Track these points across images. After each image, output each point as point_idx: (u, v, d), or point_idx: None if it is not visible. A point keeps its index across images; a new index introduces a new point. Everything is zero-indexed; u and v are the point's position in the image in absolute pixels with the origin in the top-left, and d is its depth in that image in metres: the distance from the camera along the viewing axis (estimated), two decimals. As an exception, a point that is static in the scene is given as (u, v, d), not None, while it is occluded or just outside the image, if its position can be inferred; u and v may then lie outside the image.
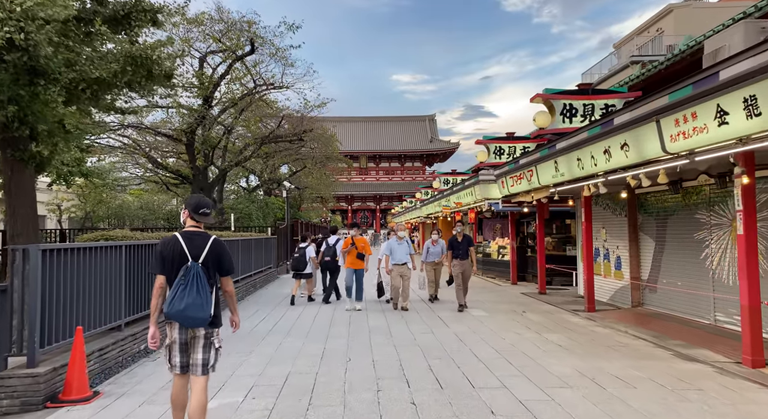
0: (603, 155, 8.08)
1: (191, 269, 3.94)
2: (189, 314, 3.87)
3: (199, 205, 4.19)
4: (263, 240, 18.29)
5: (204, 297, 3.91)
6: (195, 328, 4.00)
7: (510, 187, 13.11)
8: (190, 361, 4.06)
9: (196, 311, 3.88)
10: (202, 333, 4.04)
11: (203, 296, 3.91)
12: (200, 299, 3.89)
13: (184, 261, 3.98)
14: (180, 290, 3.89)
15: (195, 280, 3.92)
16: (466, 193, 18.08)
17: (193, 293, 3.88)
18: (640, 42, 31.39)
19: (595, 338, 8.09)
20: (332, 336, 8.54)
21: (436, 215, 27.74)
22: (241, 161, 24.29)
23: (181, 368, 4.08)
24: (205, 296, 3.93)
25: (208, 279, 4.00)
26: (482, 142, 16.38)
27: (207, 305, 3.92)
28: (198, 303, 3.87)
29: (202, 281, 3.94)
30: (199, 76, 18.08)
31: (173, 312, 3.88)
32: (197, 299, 3.88)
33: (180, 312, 3.86)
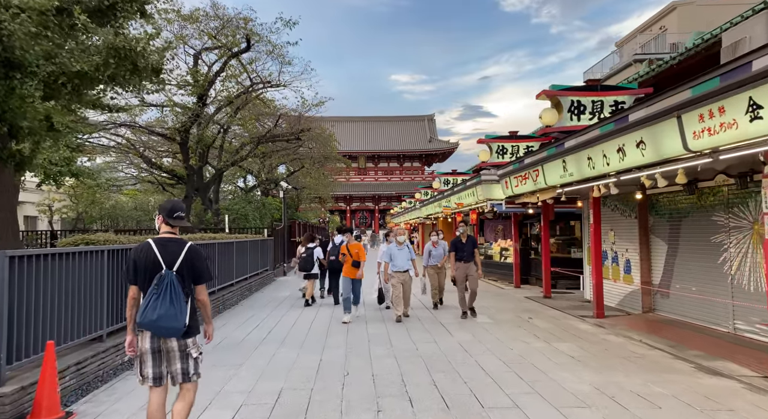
0: (616, 153, 7.61)
1: (165, 277, 3.82)
2: (162, 324, 3.75)
3: (173, 209, 4.06)
4: (259, 242, 17.80)
5: (178, 307, 3.79)
6: (167, 338, 3.86)
7: (514, 187, 12.64)
8: (170, 372, 3.93)
9: (169, 322, 3.75)
10: (174, 345, 3.89)
11: (177, 306, 3.78)
12: (174, 310, 3.76)
13: (157, 269, 3.86)
14: (153, 300, 3.77)
15: (168, 289, 3.79)
16: (467, 193, 17.60)
17: (167, 303, 3.76)
18: (642, 40, 30.95)
19: (608, 348, 7.61)
20: (329, 345, 8.06)
21: (436, 216, 27.28)
22: (238, 160, 23.83)
23: (153, 379, 3.90)
24: (179, 305, 3.80)
25: (182, 288, 3.87)
26: (484, 141, 15.90)
27: (181, 315, 3.80)
28: (171, 314, 3.75)
29: (176, 291, 3.81)
30: (193, 73, 17.60)
31: (146, 322, 3.75)
32: (170, 310, 3.75)
33: (153, 322, 3.74)
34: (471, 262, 10.61)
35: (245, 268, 15.39)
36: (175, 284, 3.82)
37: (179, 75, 18.02)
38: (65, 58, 7.00)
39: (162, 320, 3.72)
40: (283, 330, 9.42)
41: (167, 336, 3.84)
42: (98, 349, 6.47)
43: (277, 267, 21.25)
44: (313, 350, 7.77)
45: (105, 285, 6.87)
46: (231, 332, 9.42)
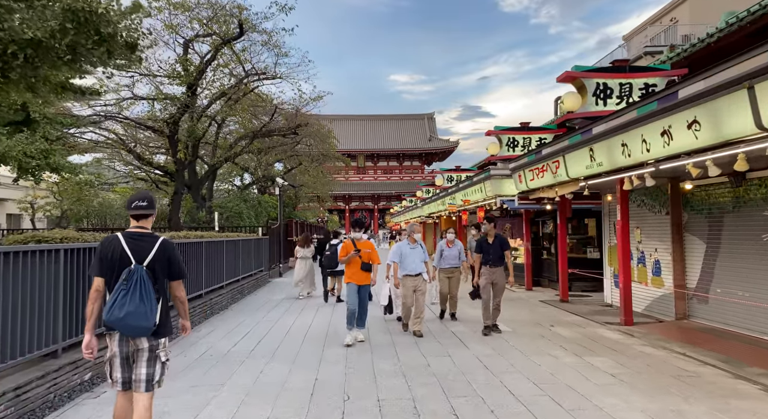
0: (660, 137, 6.54)
1: (134, 273, 3.58)
2: (130, 322, 3.50)
3: (132, 200, 3.79)
4: (253, 241, 16.72)
5: (148, 305, 3.55)
6: (137, 338, 3.63)
7: (529, 181, 11.57)
8: (133, 376, 3.68)
9: (137, 320, 3.50)
10: (145, 345, 3.65)
11: (147, 304, 3.54)
12: (143, 307, 3.52)
13: (126, 264, 3.62)
14: (120, 296, 3.52)
15: (138, 285, 3.55)
16: (474, 190, 16.53)
17: (136, 299, 3.52)
18: (652, 33, 29.88)
19: (651, 363, 6.54)
20: (327, 359, 6.98)
21: (439, 215, 26.22)
22: (232, 156, 22.71)
23: (123, 383, 3.69)
24: (149, 303, 3.56)
25: (153, 284, 3.64)
26: (494, 132, 14.83)
27: (151, 314, 3.55)
28: (141, 311, 3.51)
29: (147, 287, 3.58)
30: (182, 62, 16.51)
31: (112, 320, 3.49)
32: (140, 307, 3.51)
33: (119, 320, 3.48)
34: (500, 267, 8.76)
35: (237, 269, 14.31)
36: (145, 279, 3.58)
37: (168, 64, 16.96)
38: (13, 22, 5.90)
39: (130, 318, 3.48)
40: (274, 339, 8.34)
41: (136, 335, 3.59)
42: (50, 367, 5.39)
43: (273, 268, 20.18)
44: (308, 365, 6.69)
45: (61, 291, 5.80)
46: (217, 341, 8.35)
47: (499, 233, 9.05)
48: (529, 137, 14.75)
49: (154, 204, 3.87)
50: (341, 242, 12.53)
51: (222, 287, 12.53)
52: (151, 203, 3.82)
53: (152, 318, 3.56)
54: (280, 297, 13.93)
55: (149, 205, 3.80)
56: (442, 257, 9.77)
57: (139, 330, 3.55)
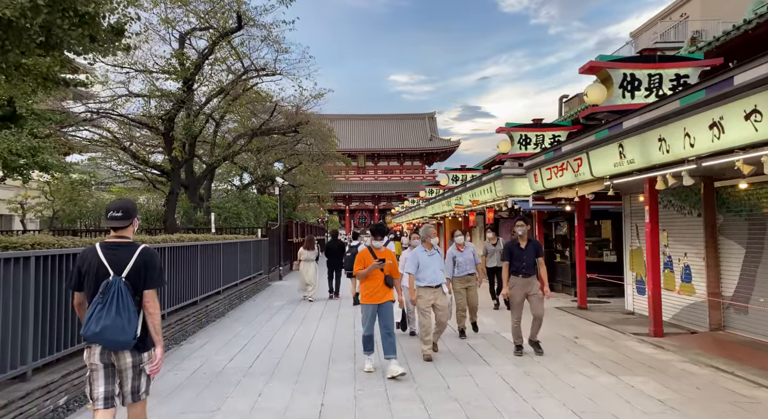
0: (708, 130, 5.82)
1: (112, 285, 3.45)
2: (107, 336, 3.38)
3: (107, 209, 3.69)
4: (251, 243, 15.99)
5: (126, 317, 3.42)
6: (119, 352, 3.49)
7: (546, 181, 10.85)
8: (120, 392, 3.56)
9: (114, 334, 3.38)
10: (128, 362, 3.52)
11: (124, 317, 3.41)
12: (120, 321, 3.39)
13: (104, 276, 3.49)
14: (97, 310, 3.40)
15: (115, 298, 3.42)
16: (483, 189, 15.80)
17: (112, 313, 3.39)
18: (661, 29, 29.18)
19: (699, 385, 5.81)
20: (334, 379, 6.25)
21: (443, 215, 25.50)
22: (230, 155, 21.97)
23: (105, 400, 3.51)
24: (128, 316, 3.43)
25: (132, 296, 3.51)
26: (505, 129, 14.11)
27: (129, 327, 3.42)
28: (118, 325, 3.38)
29: (124, 299, 3.45)
30: (178, 56, 15.78)
31: (89, 335, 3.40)
32: (117, 321, 3.38)
33: (96, 335, 3.38)
34: (533, 276, 7.48)
35: (235, 273, 13.58)
36: (123, 292, 3.44)
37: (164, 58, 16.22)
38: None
39: (107, 332, 3.35)
40: (275, 353, 7.62)
41: (115, 349, 3.47)
42: (16, 394, 4.68)
43: (273, 271, 19.45)
44: (312, 385, 5.97)
45: (31, 304, 5.08)
46: (211, 355, 7.63)
47: (534, 239, 7.90)
48: (542, 135, 14.03)
49: (131, 213, 3.69)
50: (361, 244, 12.62)
51: (219, 292, 11.81)
52: (126, 212, 3.66)
53: (130, 331, 3.42)
54: (281, 303, 13.20)
55: (124, 215, 3.64)
56: (455, 265, 8.63)
57: (118, 344, 3.43)
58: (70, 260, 5.72)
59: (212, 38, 17.27)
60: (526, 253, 7.52)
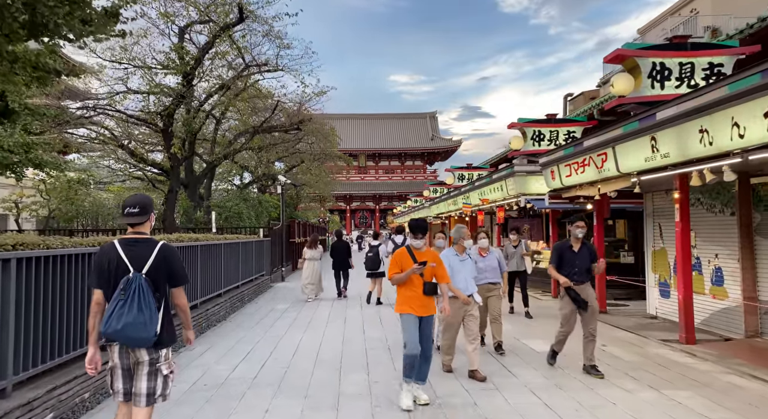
0: (763, 119, 5.27)
1: (132, 281, 3.39)
2: (128, 334, 3.33)
3: (124, 205, 3.60)
4: (253, 243, 15.44)
5: (147, 314, 3.36)
6: (137, 350, 3.45)
7: (564, 178, 10.30)
8: (133, 390, 3.49)
9: (136, 331, 3.33)
10: (145, 358, 3.46)
11: (146, 314, 3.36)
12: (142, 317, 3.34)
13: (124, 273, 3.43)
14: (118, 307, 3.35)
15: (137, 294, 3.37)
16: (494, 188, 15.24)
17: (134, 310, 3.33)
18: (670, 25, 28.61)
19: (751, 401, 5.26)
20: (347, 394, 5.69)
21: (448, 215, 24.95)
22: (231, 153, 21.40)
23: (124, 395, 3.52)
24: (149, 313, 3.37)
25: (153, 293, 3.45)
26: (517, 125, 13.55)
27: (150, 324, 3.37)
28: (140, 322, 3.32)
29: (145, 296, 3.39)
30: (178, 49, 15.22)
31: (110, 332, 3.34)
32: (138, 318, 3.32)
33: (117, 332, 3.32)
34: (586, 284, 6.56)
35: (237, 274, 13.03)
36: (144, 288, 3.41)
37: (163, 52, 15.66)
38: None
39: (128, 329, 3.33)
40: (281, 362, 7.06)
41: (135, 346, 3.45)
42: (-8, 414, 4.12)
43: (275, 272, 18.90)
44: (324, 401, 5.41)
45: (12, 311, 4.53)
46: (213, 364, 7.08)
47: (588, 242, 6.89)
48: (556, 131, 13.48)
49: (147, 209, 3.62)
50: (381, 244, 12.74)
51: (220, 295, 11.25)
52: (144, 208, 3.58)
53: (152, 328, 3.39)
54: (284, 306, 12.64)
55: (141, 211, 3.57)
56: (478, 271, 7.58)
57: (139, 341, 3.40)
58: (59, 263, 5.19)
59: (213, 32, 16.74)
60: (579, 258, 6.57)
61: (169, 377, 3.56)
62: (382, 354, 7.46)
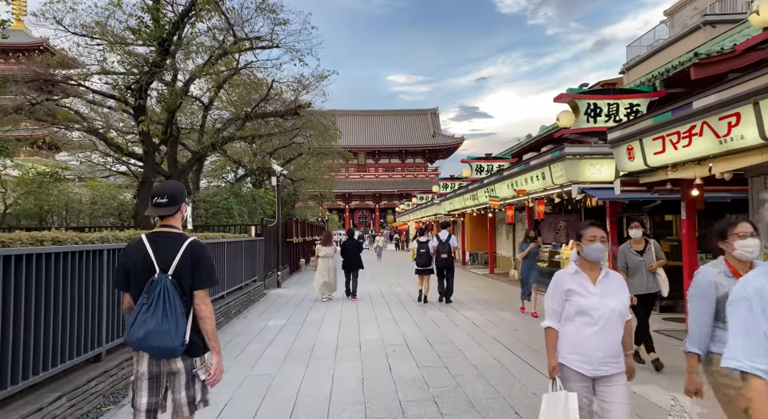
0: None
1: (157, 283, 3.01)
2: (152, 343, 2.95)
3: (153, 194, 3.21)
4: (243, 244, 12.86)
5: (173, 321, 2.96)
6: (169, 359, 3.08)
7: (652, 156, 7.73)
8: (173, 402, 3.13)
9: (162, 340, 2.94)
10: (180, 366, 3.08)
11: (171, 320, 2.96)
12: (167, 324, 2.94)
13: (150, 273, 3.06)
14: (141, 313, 2.99)
15: (162, 298, 2.98)
16: (533, 176, 12.70)
17: (158, 315, 2.94)
18: (701, 5, 26.15)
19: None
20: None
21: (463, 211, 22.41)
22: (220, 142, 18.73)
23: (147, 412, 3.09)
24: (175, 319, 2.97)
25: (181, 296, 3.05)
26: (567, 96, 10.96)
27: (177, 331, 2.96)
28: (164, 330, 2.93)
29: (172, 300, 2.99)
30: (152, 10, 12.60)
31: (132, 341, 3.00)
32: (163, 325, 2.93)
33: (140, 341, 2.97)
34: None
35: (221, 282, 10.45)
36: (170, 291, 2.99)
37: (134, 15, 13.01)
38: None
39: (152, 338, 2.93)
40: None
41: (161, 357, 3.06)
42: None
43: (269, 276, 16.30)
44: None
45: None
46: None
47: None
48: (615, 103, 10.91)
49: (178, 198, 3.18)
50: (430, 240, 12.49)
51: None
52: (173, 198, 3.14)
53: (178, 336, 2.96)
54: (280, 323, 10.04)
55: (170, 200, 3.14)
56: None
57: (164, 352, 2.99)
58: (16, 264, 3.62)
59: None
60: None
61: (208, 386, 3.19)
62: (431, 405, 4.88)
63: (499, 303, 12.14)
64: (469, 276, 19.59)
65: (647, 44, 30.11)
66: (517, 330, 8.64)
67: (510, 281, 16.70)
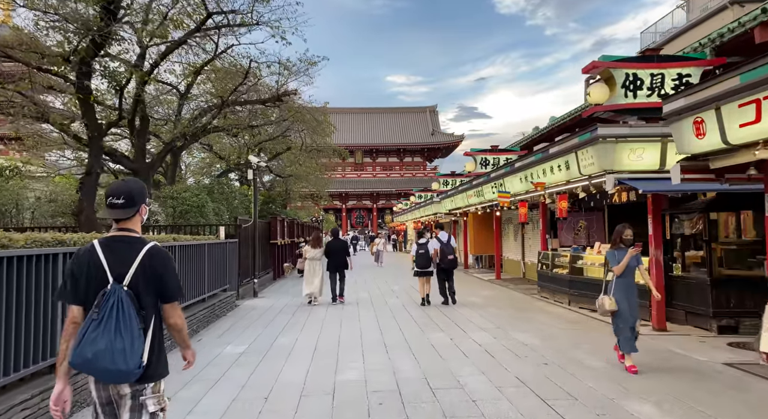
0: None
1: (110, 295, 2.55)
2: (102, 365, 2.45)
3: (107, 194, 2.75)
4: (206, 247, 10.73)
5: (128, 339, 2.48)
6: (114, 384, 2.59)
7: (736, 130, 5.62)
8: None
9: (113, 362, 2.45)
10: (127, 391, 2.59)
11: (126, 337, 2.48)
12: (121, 343, 2.46)
13: (102, 283, 2.60)
14: (90, 330, 2.49)
15: (115, 312, 2.51)
16: (554, 166, 10.57)
17: (110, 332, 2.47)
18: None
19: None
20: None
21: (466, 210, 20.31)
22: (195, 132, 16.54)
23: None
24: (130, 336, 2.50)
25: (137, 310, 2.58)
26: (600, 66, 8.85)
27: (132, 352, 2.48)
28: (118, 349, 2.45)
29: (126, 314, 2.52)
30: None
31: (79, 363, 2.49)
32: (116, 343, 2.45)
33: (88, 363, 2.46)
34: None
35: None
36: (124, 304, 2.53)
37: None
38: None
39: (101, 358, 2.43)
40: None
41: (113, 381, 2.55)
42: None
43: (244, 284, 14.15)
44: None
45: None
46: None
47: None
48: (660, 73, 8.81)
49: (136, 199, 2.71)
50: (429, 242, 12.11)
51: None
52: (130, 197, 2.68)
53: (133, 358, 2.47)
54: (239, 349, 7.87)
55: (128, 201, 2.68)
56: None
57: (116, 375, 2.49)
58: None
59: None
60: None
61: (159, 416, 2.63)
62: None
63: (514, 320, 10.02)
64: (474, 282, 17.45)
65: (662, 31, 28.13)
66: (548, 365, 6.50)
67: (521, 289, 14.55)
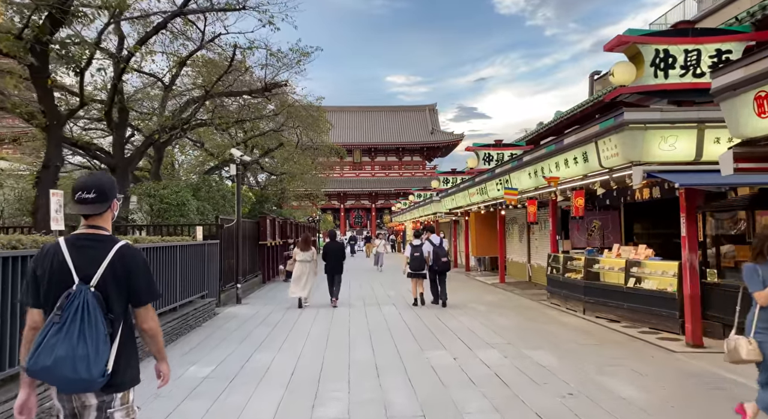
0: None
1: (75, 297, 2.34)
2: (62, 373, 2.24)
3: (75, 188, 2.55)
4: (178, 249, 9.54)
5: (92, 345, 2.28)
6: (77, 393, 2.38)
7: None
8: None
9: (75, 369, 2.23)
10: (92, 402, 2.39)
11: (91, 343, 2.27)
12: (84, 349, 2.25)
13: (67, 284, 2.39)
14: (51, 334, 2.29)
15: (79, 316, 2.30)
16: (571, 158, 9.37)
17: (73, 338, 2.26)
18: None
19: None
20: None
21: (467, 209, 19.13)
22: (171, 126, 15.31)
23: None
24: (95, 342, 2.29)
25: (105, 314, 2.37)
26: (626, 41, 7.65)
27: (96, 359, 2.27)
28: (80, 355, 2.24)
29: (92, 318, 2.32)
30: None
31: (37, 370, 2.28)
32: (79, 349, 2.24)
33: (47, 371, 2.26)
34: None
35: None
36: (90, 307, 2.32)
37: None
38: None
39: (61, 366, 2.22)
40: None
41: (74, 391, 2.35)
42: None
43: (226, 290, 12.94)
44: None
45: None
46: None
47: None
48: (696, 49, 7.62)
49: (108, 194, 2.52)
50: (424, 244, 12.07)
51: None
52: (101, 192, 2.50)
53: (98, 365, 2.26)
54: (204, 372, 6.66)
55: (99, 196, 2.49)
56: None
57: (78, 384, 2.28)
58: None
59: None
60: None
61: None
62: None
63: (525, 332, 8.82)
64: (477, 286, 16.24)
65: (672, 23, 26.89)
66: (573, 395, 5.30)
67: (528, 294, 13.35)
